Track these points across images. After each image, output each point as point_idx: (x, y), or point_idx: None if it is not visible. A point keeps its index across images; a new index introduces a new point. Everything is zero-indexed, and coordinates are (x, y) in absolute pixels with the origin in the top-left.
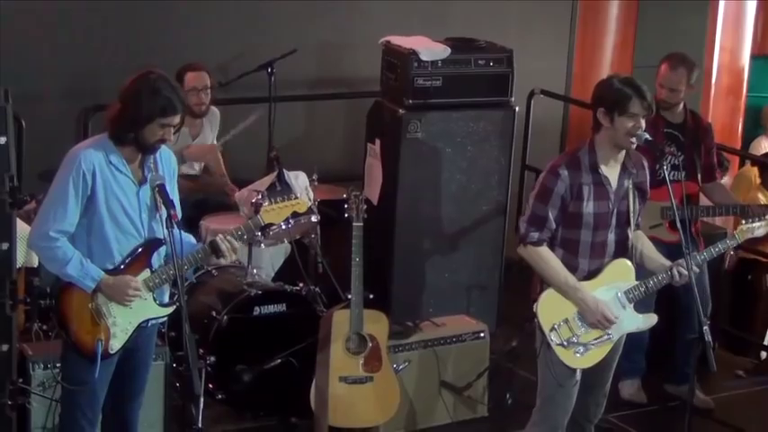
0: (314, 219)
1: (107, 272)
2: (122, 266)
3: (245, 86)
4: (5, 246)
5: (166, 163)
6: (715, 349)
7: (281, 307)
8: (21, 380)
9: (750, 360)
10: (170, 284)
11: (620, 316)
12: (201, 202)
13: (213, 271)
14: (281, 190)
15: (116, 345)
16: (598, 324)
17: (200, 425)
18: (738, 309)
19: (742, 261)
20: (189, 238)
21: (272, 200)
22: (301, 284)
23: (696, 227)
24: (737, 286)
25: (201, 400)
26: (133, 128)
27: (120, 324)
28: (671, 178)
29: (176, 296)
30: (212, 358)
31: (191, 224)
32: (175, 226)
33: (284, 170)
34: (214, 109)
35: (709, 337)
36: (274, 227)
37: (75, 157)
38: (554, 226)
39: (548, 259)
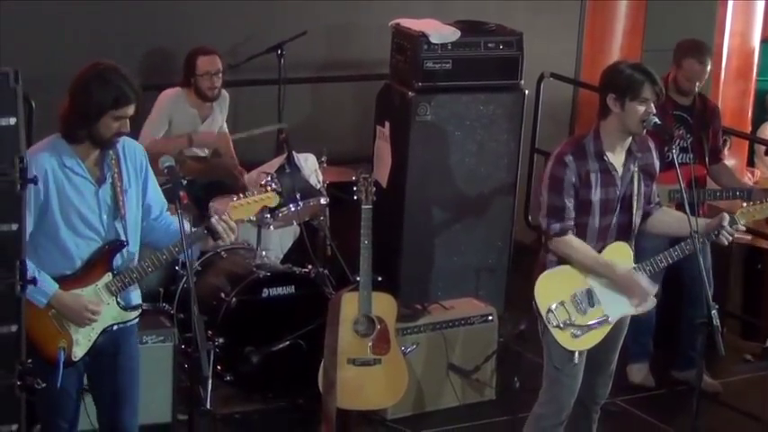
0: (323, 201)
1: (65, 279)
2: (80, 272)
3: (254, 69)
4: (15, 226)
5: (131, 157)
6: (723, 333)
7: (290, 289)
8: (29, 360)
9: (758, 344)
10: (135, 286)
11: (616, 298)
12: (211, 184)
13: (222, 253)
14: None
15: (79, 352)
16: (638, 297)
17: (208, 406)
18: (748, 296)
19: (752, 249)
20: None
21: (243, 195)
22: (310, 266)
23: (703, 209)
24: (747, 275)
25: (210, 381)
26: (85, 124)
27: (83, 331)
28: (679, 161)
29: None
30: (221, 340)
31: (200, 206)
32: (185, 209)
33: (293, 152)
34: (224, 92)
35: (718, 321)
36: (283, 210)
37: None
38: (573, 214)
39: (575, 246)
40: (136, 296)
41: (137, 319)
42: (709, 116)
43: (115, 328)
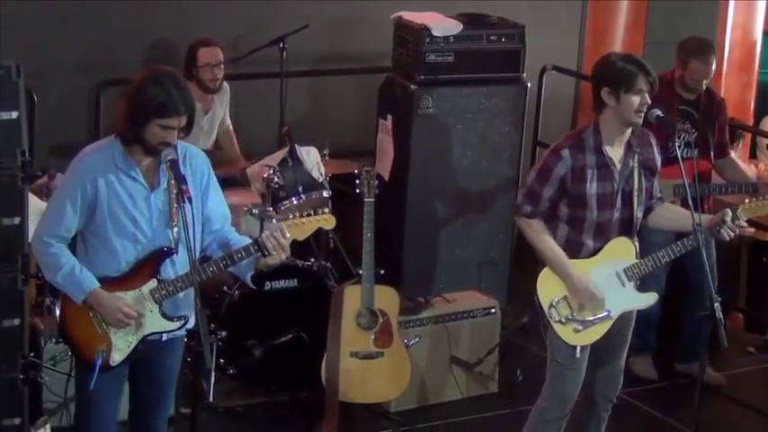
0: (325, 194)
1: (110, 281)
2: (125, 275)
3: (256, 62)
4: (17, 220)
5: (191, 165)
6: (726, 326)
7: (293, 282)
8: (32, 354)
9: (761, 337)
10: (186, 298)
11: (617, 294)
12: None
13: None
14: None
15: (118, 357)
16: (585, 302)
17: (211, 399)
18: (752, 289)
19: (756, 243)
20: (243, 240)
21: (299, 214)
22: (313, 260)
23: (708, 205)
24: (751, 268)
25: (213, 374)
26: (133, 127)
27: (122, 336)
28: (684, 156)
29: (187, 316)
30: (224, 333)
31: None
32: (187, 201)
33: (296, 145)
34: (225, 84)
35: (721, 313)
36: (286, 203)
37: (77, 162)
38: (548, 204)
39: (539, 233)
40: (185, 306)
41: (183, 332)
42: (715, 110)
43: (161, 337)
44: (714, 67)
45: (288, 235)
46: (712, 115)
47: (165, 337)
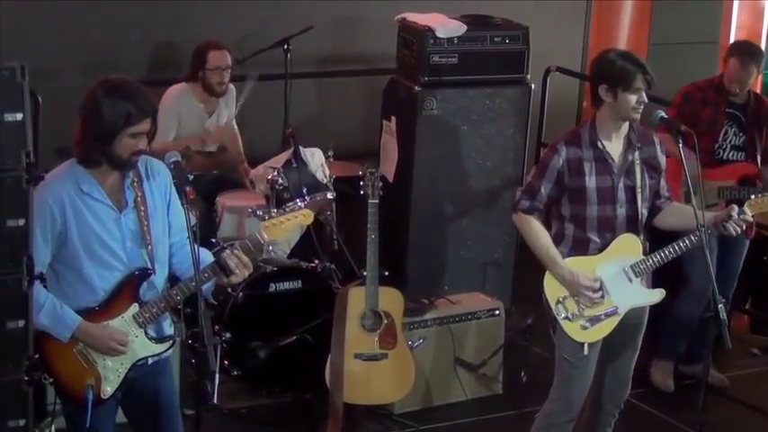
0: (329, 195)
1: (90, 312)
2: (105, 304)
3: (260, 63)
4: (22, 222)
5: (154, 178)
6: (730, 327)
7: (297, 283)
8: (37, 355)
9: (765, 338)
10: (165, 315)
11: (625, 290)
12: (217, 178)
13: (229, 248)
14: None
15: (109, 388)
16: (581, 295)
17: (215, 401)
18: (755, 289)
19: (759, 242)
20: (206, 255)
21: (273, 213)
22: (317, 261)
23: None
24: (755, 266)
25: (217, 376)
26: (99, 146)
27: (111, 366)
28: (731, 158)
29: (174, 332)
30: (228, 335)
31: (207, 200)
32: (187, 203)
33: (300, 147)
34: (231, 86)
35: (725, 314)
36: (290, 204)
37: (40, 190)
38: (545, 200)
39: (534, 228)
40: (167, 326)
41: (170, 351)
42: (764, 116)
43: (149, 362)
44: (754, 73)
45: (267, 238)
46: (759, 120)
47: (150, 360)
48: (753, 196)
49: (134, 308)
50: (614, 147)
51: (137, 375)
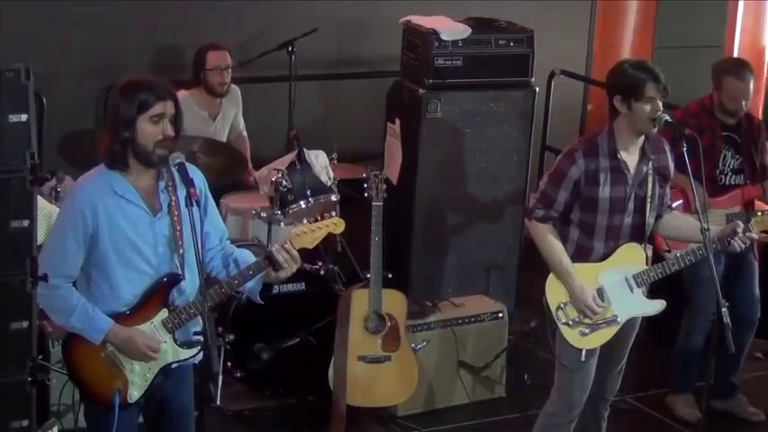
0: (333, 198)
1: (120, 316)
2: (135, 309)
3: (265, 65)
4: (26, 223)
5: (193, 183)
6: (733, 332)
7: (300, 286)
8: (40, 356)
9: None
10: (194, 321)
11: (626, 299)
12: (222, 180)
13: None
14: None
15: (135, 393)
16: (583, 311)
17: (218, 403)
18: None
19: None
20: (247, 254)
21: (304, 222)
22: (320, 263)
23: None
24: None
25: (220, 378)
26: (125, 143)
27: (139, 371)
28: (732, 183)
29: (201, 337)
30: (231, 336)
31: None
32: (195, 204)
33: (304, 149)
34: (234, 87)
35: (728, 318)
36: (294, 206)
37: (73, 192)
38: (561, 209)
39: (549, 238)
40: (195, 331)
41: (197, 356)
42: (756, 133)
43: (174, 366)
44: (752, 84)
45: (296, 247)
46: (754, 138)
47: (174, 365)
48: (759, 213)
49: (163, 313)
50: (631, 158)
51: (161, 381)
